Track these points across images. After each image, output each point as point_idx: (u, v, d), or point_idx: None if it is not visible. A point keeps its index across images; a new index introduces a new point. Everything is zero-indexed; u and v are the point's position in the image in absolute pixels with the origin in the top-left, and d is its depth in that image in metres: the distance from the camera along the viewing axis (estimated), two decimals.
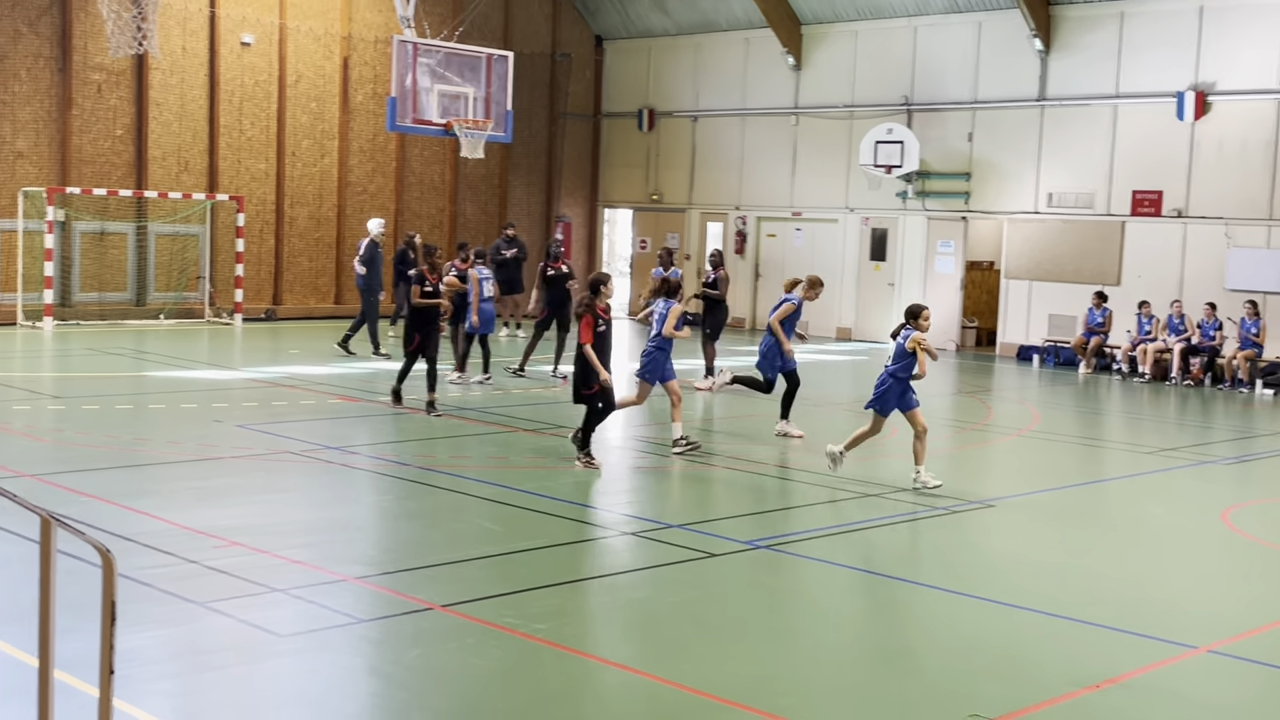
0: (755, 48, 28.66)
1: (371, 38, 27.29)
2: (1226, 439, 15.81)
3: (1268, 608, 8.21)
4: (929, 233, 26.21)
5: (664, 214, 30.82)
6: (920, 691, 6.43)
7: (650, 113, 30.63)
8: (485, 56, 23.61)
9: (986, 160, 25.21)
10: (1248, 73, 22.00)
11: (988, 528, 10.36)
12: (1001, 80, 24.89)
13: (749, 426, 15.35)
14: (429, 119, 22.79)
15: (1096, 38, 23.68)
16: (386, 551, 8.76)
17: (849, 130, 27.03)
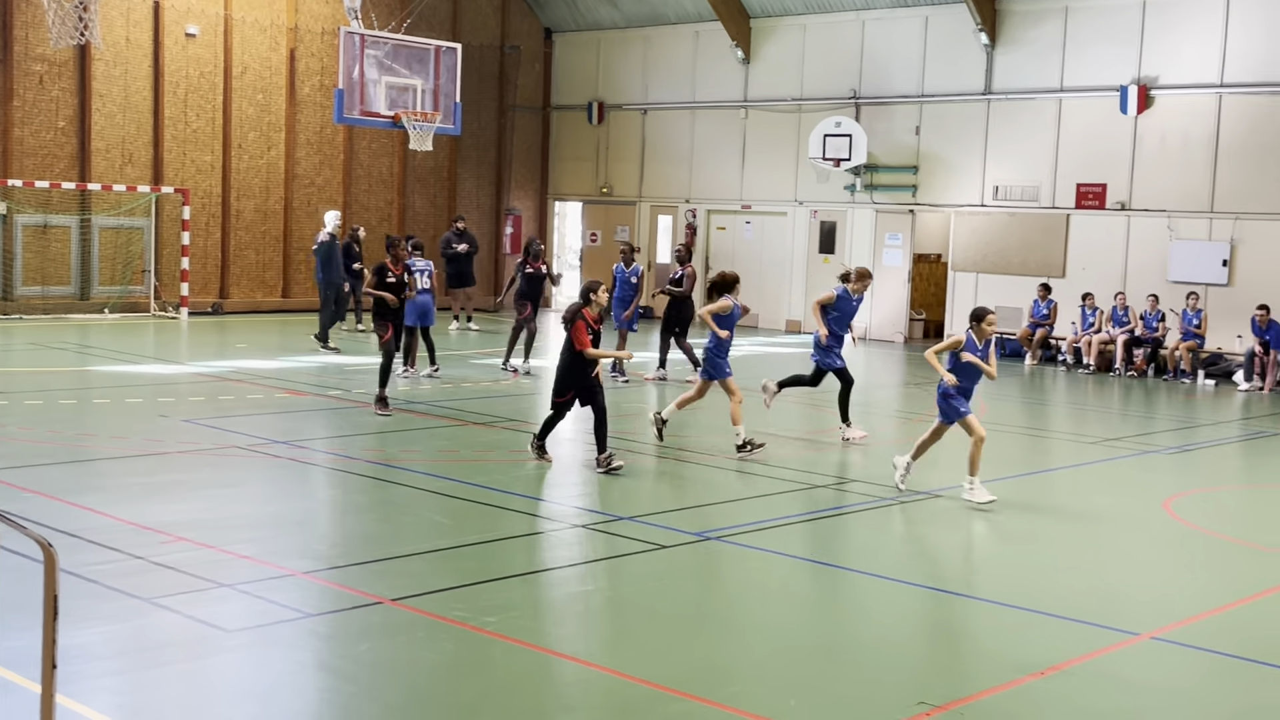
0: (704, 41, 28.71)
1: (318, 29, 27.09)
2: (1169, 429, 16.04)
3: (1208, 595, 8.35)
4: (877, 225, 26.38)
5: (614, 207, 30.83)
6: (869, 680, 6.49)
7: (600, 105, 30.61)
8: (433, 48, 23.51)
9: (933, 153, 25.40)
10: (1189, 67, 22.30)
11: (935, 518, 10.45)
12: (948, 74, 25.08)
13: (699, 419, 15.39)
14: (377, 111, 22.67)
15: (1041, 32, 23.91)
16: (335, 546, 8.72)
17: (797, 123, 27.15)
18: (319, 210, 27.50)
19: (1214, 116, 22.07)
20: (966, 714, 6.03)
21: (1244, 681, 6.77)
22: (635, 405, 15.61)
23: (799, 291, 27.58)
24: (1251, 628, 7.72)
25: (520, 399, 16.07)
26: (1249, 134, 21.72)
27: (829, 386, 14.47)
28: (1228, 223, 21.95)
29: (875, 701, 6.15)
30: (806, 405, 16.53)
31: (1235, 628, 7.67)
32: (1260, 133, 21.61)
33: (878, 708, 6.06)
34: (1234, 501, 11.74)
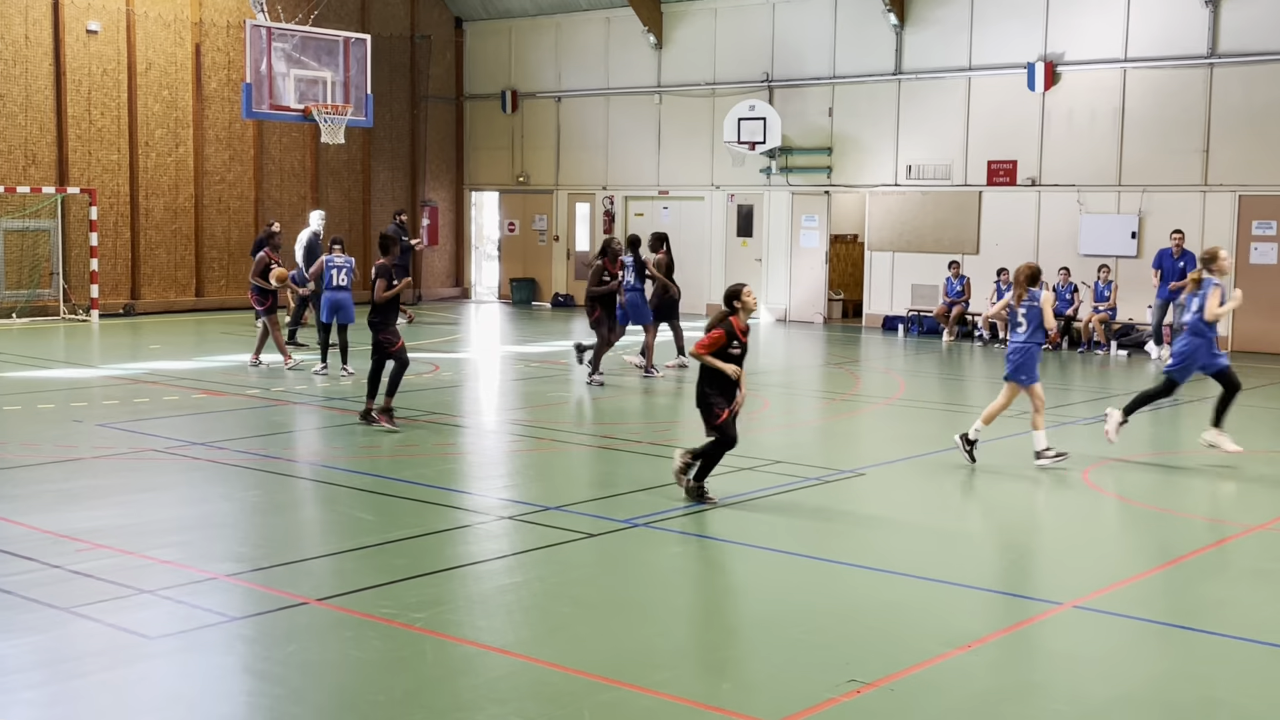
0: (616, 27, 28.66)
1: (224, 23, 26.65)
2: (1085, 399, 16.32)
3: (1126, 563, 8.51)
4: (793, 208, 26.53)
5: (531, 196, 30.71)
6: (797, 660, 6.53)
7: (513, 94, 30.46)
8: (342, 40, 23.26)
9: (847, 135, 25.59)
10: (1094, 43, 22.67)
11: (859, 496, 10.55)
12: (858, 55, 25.27)
13: (624, 405, 15.41)
14: (286, 105, 22.39)
15: (949, 11, 24.16)
16: (257, 547, 8.60)
17: (712, 108, 27.21)
18: (230, 206, 27.13)
19: (1119, 91, 22.46)
20: (896, 689, 6.09)
21: (1165, 646, 6.91)
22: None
23: (718, 275, 27.66)
24: (1171, 593, 7.88)
25: (442, 391, 15.97)
26: (1153, 108, 22.13)
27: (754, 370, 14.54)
28: (1135, 195, 22.36)
29: (806, 681, 6.19)
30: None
31: (1155, 593, 7.83)
32: (1164, 106, 22.03)
33: (808, 687, 6.10)
34: (1150, 469, 11.98)
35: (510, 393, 16.53)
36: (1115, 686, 6.23)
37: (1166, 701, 6.06)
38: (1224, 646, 6.82)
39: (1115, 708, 5.97)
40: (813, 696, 5.97)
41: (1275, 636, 6.92)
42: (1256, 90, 21.20)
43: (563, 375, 17.57)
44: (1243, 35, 21.28)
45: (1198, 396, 16.58)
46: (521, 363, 19.15)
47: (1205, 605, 7.58)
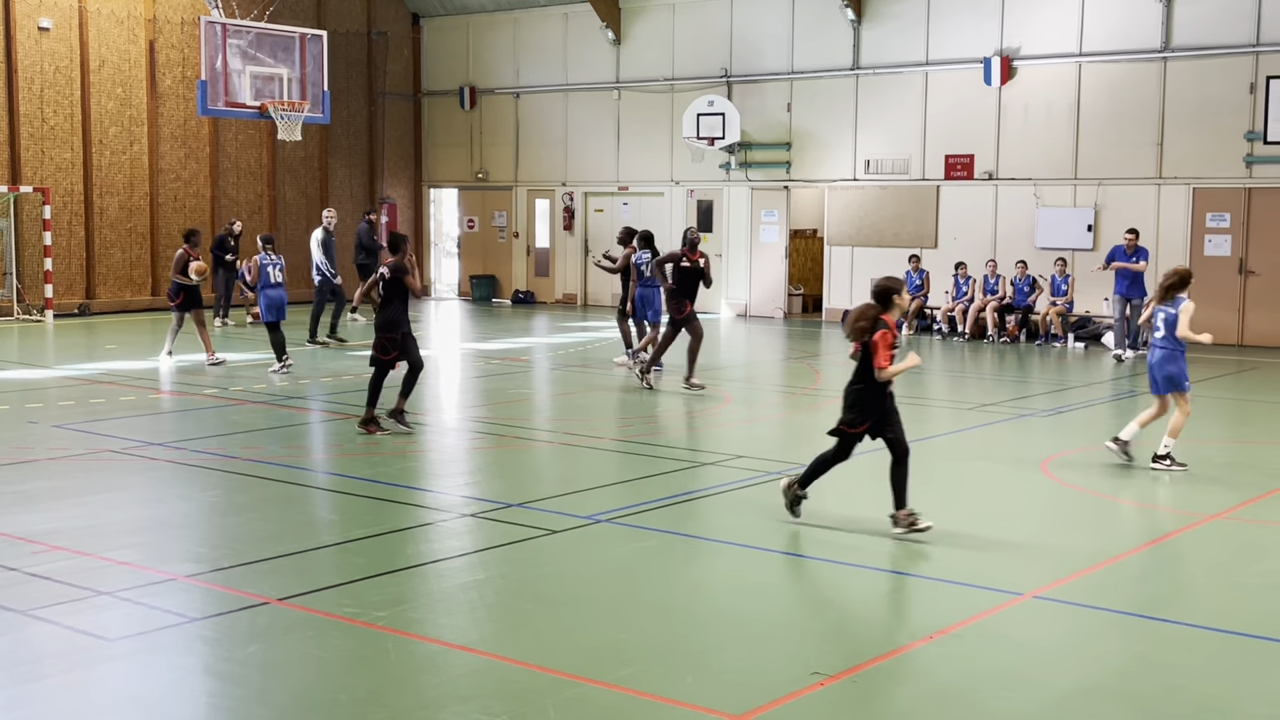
0: (574, 23, 28.62)
1: (178, 19, 26.41)
2: (1043, 392, 16.44)
3: (1085, 552, 8.57)
4: (753, 203, 26.59)
5: (490, 192, 30.62)
6: (761, 654, 6.54)
7: (472, 90, 30.36)
8: (298, 36, 23.10)
9: (805, 130, 25.66)
10: (1049, 38, 22.83)
11: (820, 490, 10.56)
12: (816, 51, 25.34)
13: (580, 401, 15.39)
14: (242, 102, 22.23)
15: (905, 7, 24.26)
16: (217, 547, 8.52)
17: (671, 103, 27.21)
18: (186, 204, 26.89)
19: (1074, 85, 22.64)
20: (859, 681, 6.11)
21: (1125, 635, 6.96)
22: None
23: None
24: (1130, 582, 7.94)
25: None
26: (1108, 101, 22.32)
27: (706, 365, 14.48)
28: (1091, 189, 22.55)
29: (769, 675, 6.20)
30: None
31: (1114, 583, 7.89)
32: (1119, 100, 22.22)
33: (772, 681, 6.11)
34: (1108, 460, 12.07)
35: (471, 390, 16.48)
36: (1077, 676, 6.27)
37: (1128, 690, 6.10)
38: (1184, 635, 6.88)
39: (1077, 697, 6.01)
40: (776, 690, 5.98)
41: (1233, 624, 7.00)
42: (1209, 84, 21.42)
43: (524, 372, 17.53)
44: (1195, 29, 21.49)
45: None
46: (482, 360, 19.09)
47: (1164, 594, 7.65)
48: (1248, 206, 21.30)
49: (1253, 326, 21.43)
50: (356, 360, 18.36)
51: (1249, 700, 5.93)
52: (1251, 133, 21.04)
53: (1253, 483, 10.75)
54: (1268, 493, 10.33)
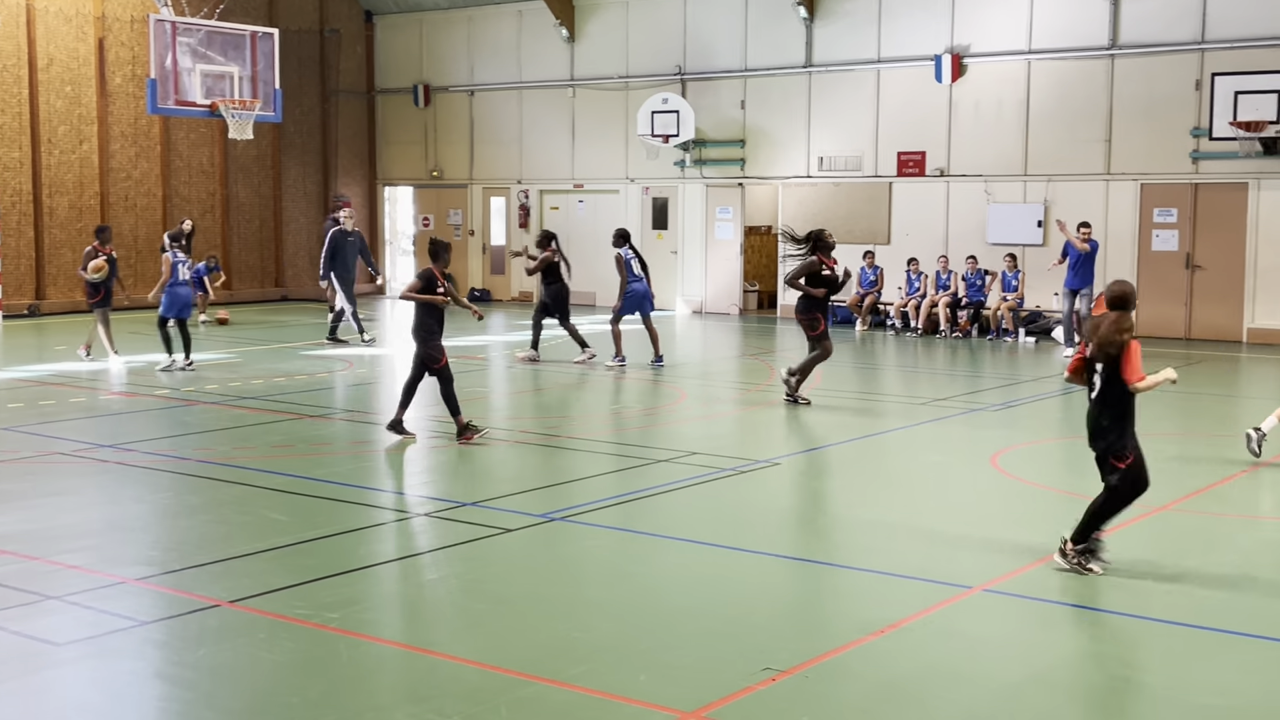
0: (528, 20, 28.57)
1: (127, 17, 26.16)
2: (994, 386, 16.58)
3: (1034, 546, 8.66)
4: (708, 200, 26.64)
5: (445, 190, 30.53)
6: (714, 650, 6.57)
7: (426, 88, 30.24)
8: (249, 34, 22.94)
9: (759, 127, 25.74)
10: (999, 35, 23.01)
11: (774, 486, 10.63)
12: (769, 48, 25.42)
13: (536, 400, 15.39)
14: (193, 100, 22.04)
15: (857, 4, 24.39)
16: (168, 550, 8.47)
17: (625, 101, 27.23)
18: (137, 204, 26.64)
19: (1024, 82, 22.83)
20: (811, 676, 6.15)
21: (1073, 627, 7.05)
22: (477, 390, 15.50)
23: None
24: (1078, 575, 8.03)
25: (357, 389, 15.83)
26: (1057, 98, 22.53)
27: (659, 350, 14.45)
28: (1041, 185, 22.76)
29: (722, 670, 6.24)
30: (643, 380, 16.65)
31: (1062, 576, 7.98)
32: (1068, 97, 22.44)
33: (725, 676, 6.15)
34: (1057, 454, 12.20)
35: (425, 389, 16.41)
36: (1026, 667, 6.35)
37: (1076, 681, 6.19)
38: (1130, 626, 6.98)
39: (1027, 688, 6.08)
40: (729, 685, 6.01)
41: (1178, 615, 7.10)
42: (1156, 81, 21.67)
43: (479, 370, 17.50)
44: (1142, 27, 21.73)
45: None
46: None
47: (1111, 586, 7.74)
48: (1194, 202, 21.57)
49: (1199, 320, 21.69)
50: (309, 361, 18.26)
51: (1196, 691, 6.02)
52: (1197, 129, 21.30)
53: (1200, 475, 10.90)
54: (1214, 484, 10.48)
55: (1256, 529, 9.14)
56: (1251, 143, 20.46)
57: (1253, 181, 21.06)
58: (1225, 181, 21.29)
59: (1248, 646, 6.65)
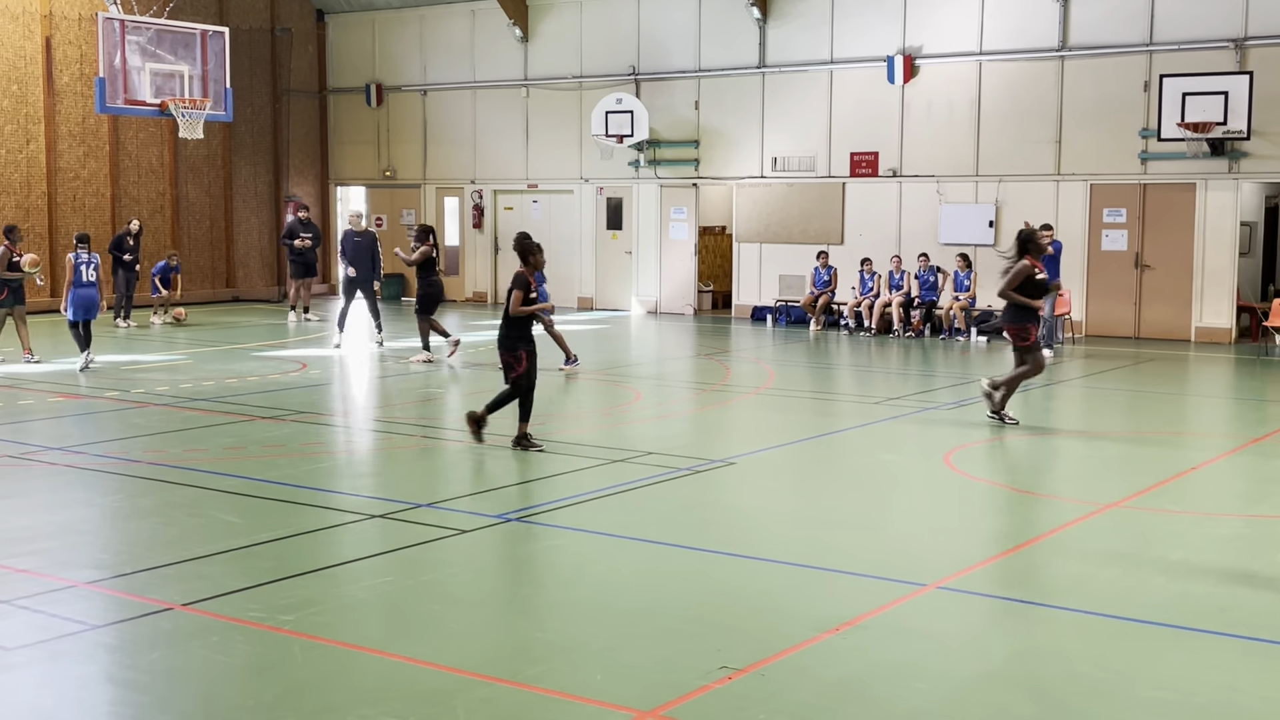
0: (481, 20, 28.50)
1: (75, 15, 25.86)
2: (946, 385, 16.70)
3: (987, 543, 8.74)
4: (662, 200, 26.68)
5: (398, 190, 30.39)
6: (670, 650, 6.58)
7: (378, 87, 30.10)
8: (199, 33, 22.74)
9: (713, 128, 25.80)
10: (950, 36, 23.19)
11: (729, 485, 10.66)
12: (723, 49, 25.50)
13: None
14: (142, 99, 21.83)
15: (810, 5, 24.50)
16: (119, 553, 8.38)
17: (579, 101, 27.22)
18: (86, 204, 26.35)
19: (975, 83, 23.02)
20: (768, 674, 6.17)
21: (1027, 623, 7.11)
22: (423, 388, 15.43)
23: (589, 269, 27.73)
24: (1029, 571, 8.12)
25: (310, 390, 15.72)
26: (1008, 99, 22.73)
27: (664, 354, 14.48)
28: (992, 185, 22.96)
29: (678, 670, 6.24)
30: (599, 381, 16.65)
31: (1014, 572, 8.06)
32: (1018, 98, 22.64)
33: (681, 675, 6.15)
34: (1009, 452, 12.31)
35: (381, 389, 16.36)
36: (979, 663, 6.40)
37: (1029, 676, 6.24)
38: (1082, 622, 7.04)
39: (980, 684, 6.13)
40: (685, 685, 6.02)
41: (1130, 610, 7.18)
42: (1105, 82, 21.91)
43: (434, 371, 17.43)
44: (1091, 29, 21.97)
45: (1050, 381, 17.09)
46: (391, 359, 18.94)
47: (1063, 582, 7.82)
48: (1143, 202, 21.82)
49: (1149, 319, 21.95)
50: (260, 362, 18.14)
51: (1145, 685, 6.09)
52: (1146, 130, 21.55)
53: (1149, 472, 11.03)
54: (1163, 481, 10.61)
55: (1205, 525, 9.26)
56: (1199, 143, 20.73)
57: (1200, 182, 21.33)
58: (1173, 182, 21.56)
59: (1197, 641, 6.73)
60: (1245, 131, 20.15)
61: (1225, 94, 20.14)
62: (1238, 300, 21.54)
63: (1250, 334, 21.79)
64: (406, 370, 17.37)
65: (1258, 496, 10.42)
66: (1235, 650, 6.63)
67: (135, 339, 21.07)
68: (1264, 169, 21.02)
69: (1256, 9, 20.66)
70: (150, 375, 16.63)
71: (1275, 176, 21.34)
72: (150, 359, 18.32)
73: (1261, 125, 20.49)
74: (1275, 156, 20.77)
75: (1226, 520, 9.43)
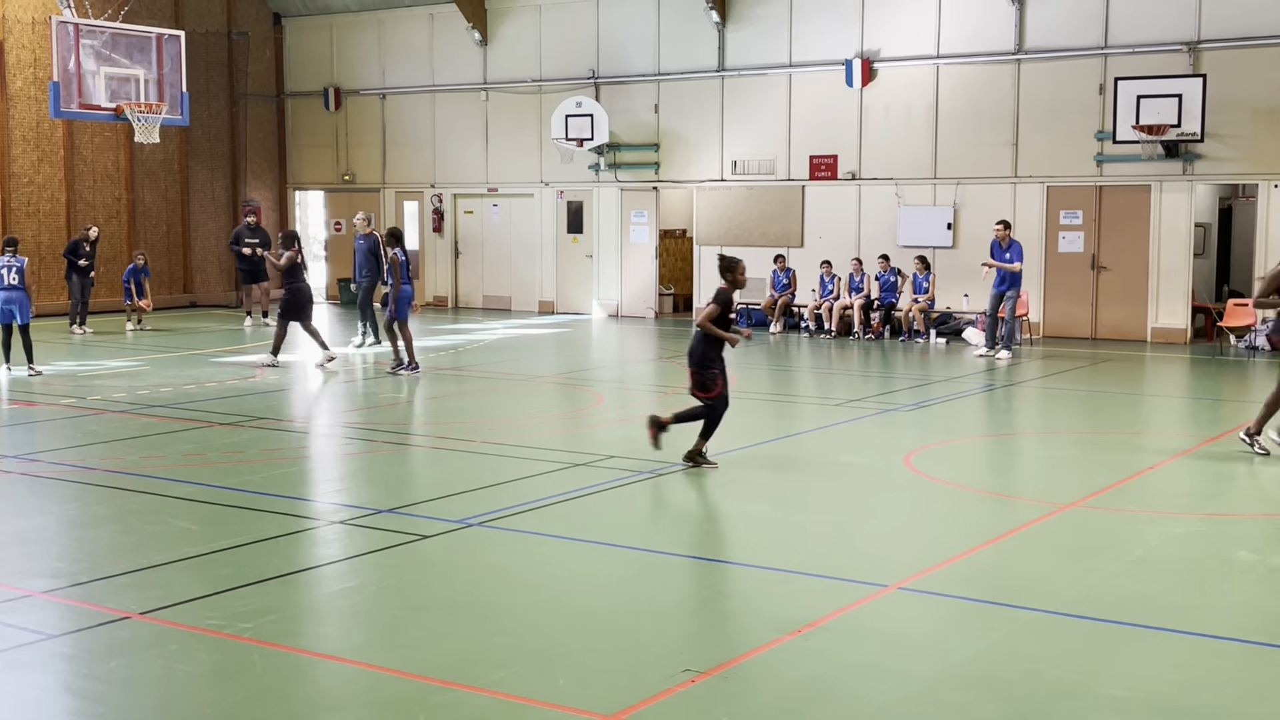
0: (440, 24, 28.42)
1: (28, 19, 25.59)
2: (906, 387, 16.79)
3: (949, 543, 8.78)
4: (623, 203, 26.68)
5: (357, 194, 30.25)
6: (633, 653, 6.57)
7: (337, 91, 29.96)
8: (155, 36, 22.56)
9: (673, 131, 25.84)
10: (908, 40, 23.32)
11: (692, 488, 10.66)
12: (682, 52, 25.54)
13: (453, 405, 15.30)
14: (97, 104, 21.63)
15: (769, 9, 24.58)
16: (75, 562, 8.29)
17: (539, 105, 27.19)
18: (40, 209, 26.07)
19: (932, 87, 23.16)
20: (731, 677, 6.18)
21: (987, 622, 7.15)
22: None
23: (549, 273, 27.70)
24: (990, 571, 8.16)
25: (269, 395, 15.61)
26: (965, 102, 22.88)
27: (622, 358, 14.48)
28: (950, 187, 23.10)
29: (641, 673, 6.24)
30: (565, 384, 16.63)
31: (975, 572, 8.10)
32: (975, 101, 22.80)
33: (644, 679, 6.15)
34: (969, 452, 12.39)
35: (341, 394, 16.27)
36: (940, 663, 6.43)
37: (989, 676, 6.27)
38: (1041, 621, 7.09)
39: (941, 684, 6.16)
40: (649, 688, 6.02)
41: (1087, 609, 7.23)
42: (1061, 85, 22.10)
43: (394, 375, 17.34)
44: (1047, 32, 22.15)
45: (1009, 382, 17.22)
46: (351, 363, 18.84)
47: (1023, 582, 7.87)
48: (1099, 204, 22.02)
49: (1105, 320, 22.15)
50: (218, 368, 18.00)
51: (1102, 683, 6.14)
52: (1101, 132, 21.75)
53: (1107, 472, 11.12)
54: (1121, 481, 10.70)
55: (1162, 524, 9.35)
56: (1154, 145, 20.93)
57: (1155, 184, 21.55)
58: (1129, 184, 21.76)
59: (1156, 639, 6.79)
60: (1199, 134, 20.36)
61: (1179, 96, 20.35)
62: (1193, 301, 21.77)
63: (1205, 334, 22.02)
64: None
65: (1214, 495, 10.52)
66: (1193, 648, 6.69)
67: (91, 345, 20.86)
68: (1218, 171, 21.26)
69: (1210, 12, 20.89)
70: (107, 382, 16.47)
71: (1229, 178, 21.58)
72: (107, 365, 18.15)
73: (1215, 127, 20.72)
74: (1229, 158, 21.01)
75: (1184, 519, 9.53)
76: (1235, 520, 9.55)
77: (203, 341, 21.72)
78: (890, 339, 22.28)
